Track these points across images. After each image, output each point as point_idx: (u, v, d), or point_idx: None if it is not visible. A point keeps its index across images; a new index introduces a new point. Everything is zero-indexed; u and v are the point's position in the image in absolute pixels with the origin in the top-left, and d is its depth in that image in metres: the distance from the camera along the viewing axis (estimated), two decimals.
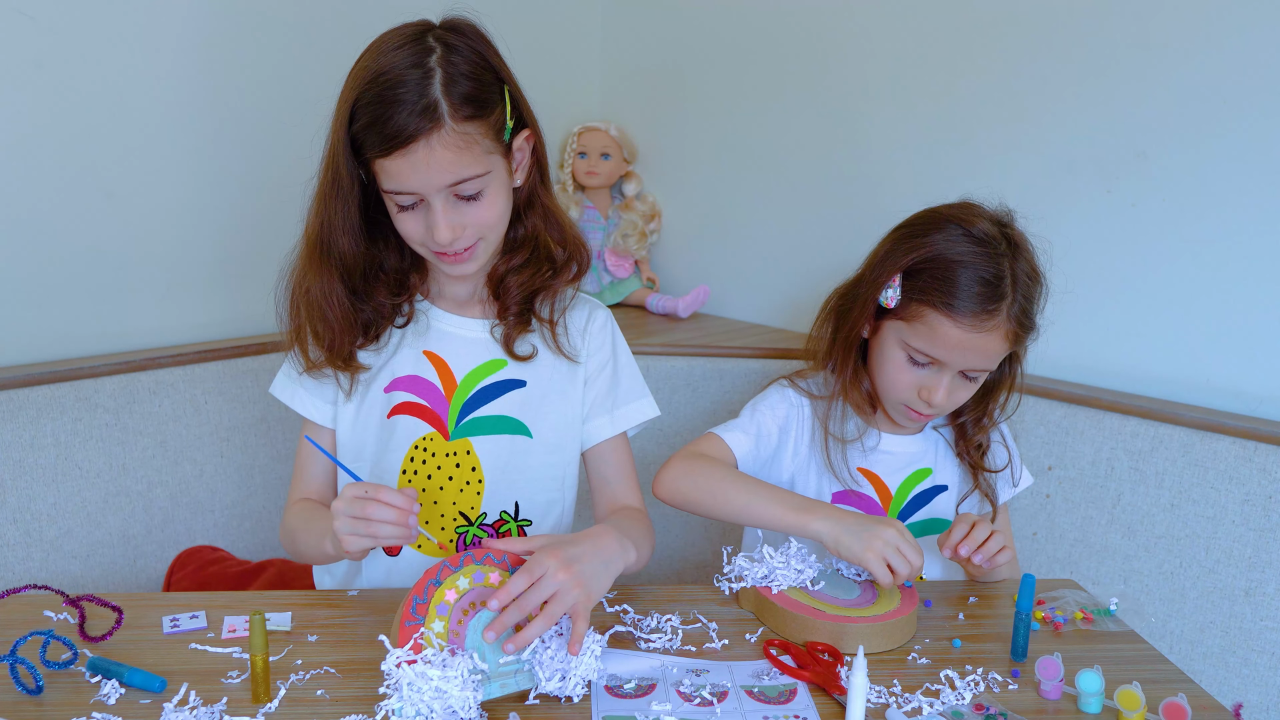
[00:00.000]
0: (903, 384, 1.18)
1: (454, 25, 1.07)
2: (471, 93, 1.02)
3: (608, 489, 1.22)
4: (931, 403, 1.17)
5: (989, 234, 1.14)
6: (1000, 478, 1.29)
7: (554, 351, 1.19)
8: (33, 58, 1.45)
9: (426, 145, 1.01)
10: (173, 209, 1.62)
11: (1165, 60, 1.42)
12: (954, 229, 1.15)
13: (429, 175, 1.02)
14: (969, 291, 1.11)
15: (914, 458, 1.28)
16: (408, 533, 0.96)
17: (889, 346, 1.19)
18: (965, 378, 1.17)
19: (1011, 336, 1.15)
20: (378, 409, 1.18)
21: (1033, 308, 1.16)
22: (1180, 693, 0.86)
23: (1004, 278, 1.12)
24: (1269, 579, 1.33)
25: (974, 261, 1.12)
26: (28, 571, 1.42)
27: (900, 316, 1.17)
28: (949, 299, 1.12)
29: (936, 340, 1.14)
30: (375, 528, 0.95)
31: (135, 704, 0.87)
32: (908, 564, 1.03)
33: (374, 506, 0.95)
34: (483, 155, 1.04)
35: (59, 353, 1.53)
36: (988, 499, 1.27)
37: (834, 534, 1.06)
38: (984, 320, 1.12)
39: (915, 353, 1.16)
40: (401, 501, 0.95)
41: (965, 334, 1.12)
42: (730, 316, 2.04)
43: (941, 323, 1.13)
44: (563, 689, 0.87)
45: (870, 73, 1.75)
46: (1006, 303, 1.12)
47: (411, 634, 0.84)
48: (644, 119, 2.14)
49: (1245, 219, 1.38)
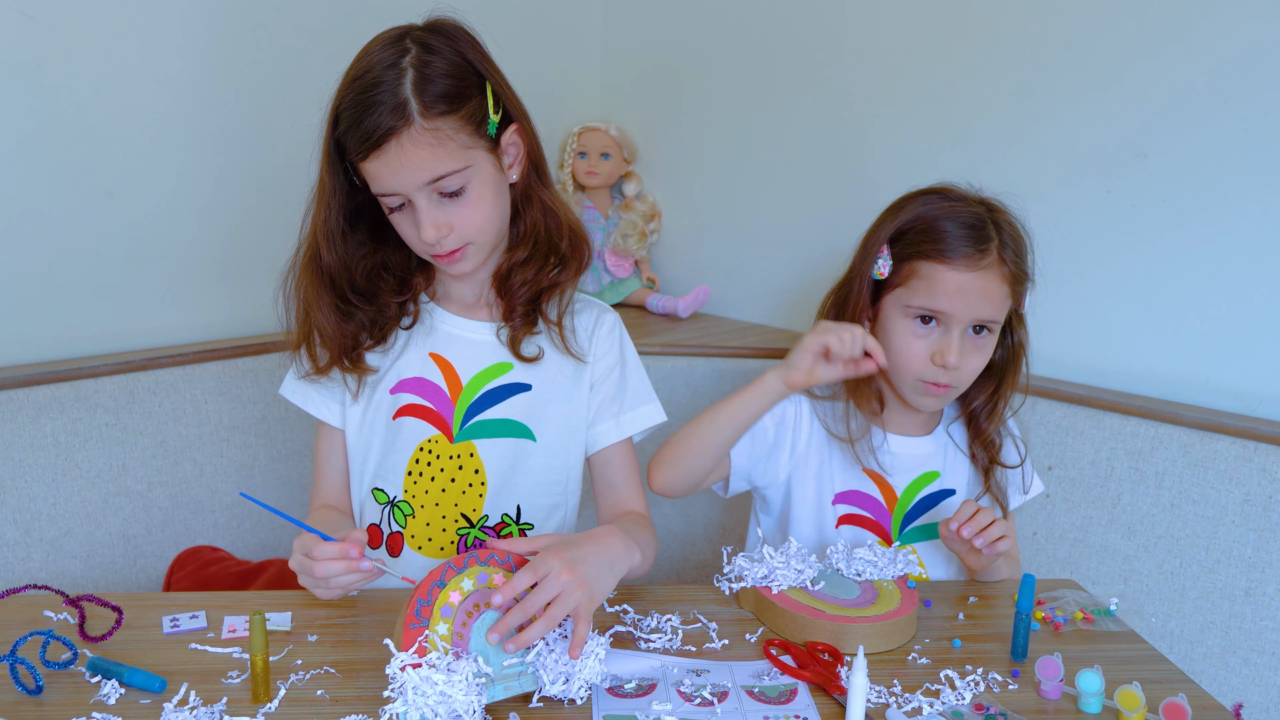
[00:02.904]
0: (914, 354, 1.18)
1: (435, 26, 1.08)
2: (444, 90, 1.03)
3: (612, 494, 1.22)
4: (947, 364, 1.16)
5: (964, 195, 1.20)
6: (1010, 485, 1.27)
7: (561, 352, 1.19)
8: (33, 58, 1.45)
9: (398, 144, 1.02)
10: (173, 209, 1.62)
11: (1165, 60, 1.42)
12: (929, 195, 1.21)
13: (404, 174, 1.03)
14: (956, 235, 1.16)
15: (922, 460, 1.27)
16: (364, 575, 0.97)
17: (893, 320, 1.20)
18: (974, 335, 1.18)
19: (1009, 279, 1.17)
20: (384, 410, 1.18)
21: (1024, 255, 1.19)
22: (1180, 693, 0.86)
23: (986, 222, 1.17)
24: (1269, 579, 1.33)
25: (955, 212, 1.17)
26: (28, 571, 1.42)
27: (896, 283, 1.19)
28: (938, 246, 1.16)
29: (936, 290, 1.15)
30: (330, 582, 0.97)
31: (135, 704, 0.86)
32: (839, 338, 1.12)
33: (317, 566, 0.95)
34: (459, 150, 1.04)
35: (59, 353, 1.53)
36: (998, 502, 1.26)
37: (779, 369, 1.17)
38: (977, 260, 1.14)
39: (919, 311, 1.17)
40: (338, 552, 0.95)
41: (962, 275, 1.15)
42: (730, 316, 2.04)
43: (936, 270, 1.15)
44: (566, 691, 0.87)
45: (870, 73, 1.75)
46: (995, 244, 1.16)
47: (416, 637, 0.84)
48: (644, 119, 2.14)
49: (1245, 219, 1.38)
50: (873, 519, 1.26)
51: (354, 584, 0.98)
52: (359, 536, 0.98)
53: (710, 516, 1.82)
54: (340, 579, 0.96)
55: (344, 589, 0.99)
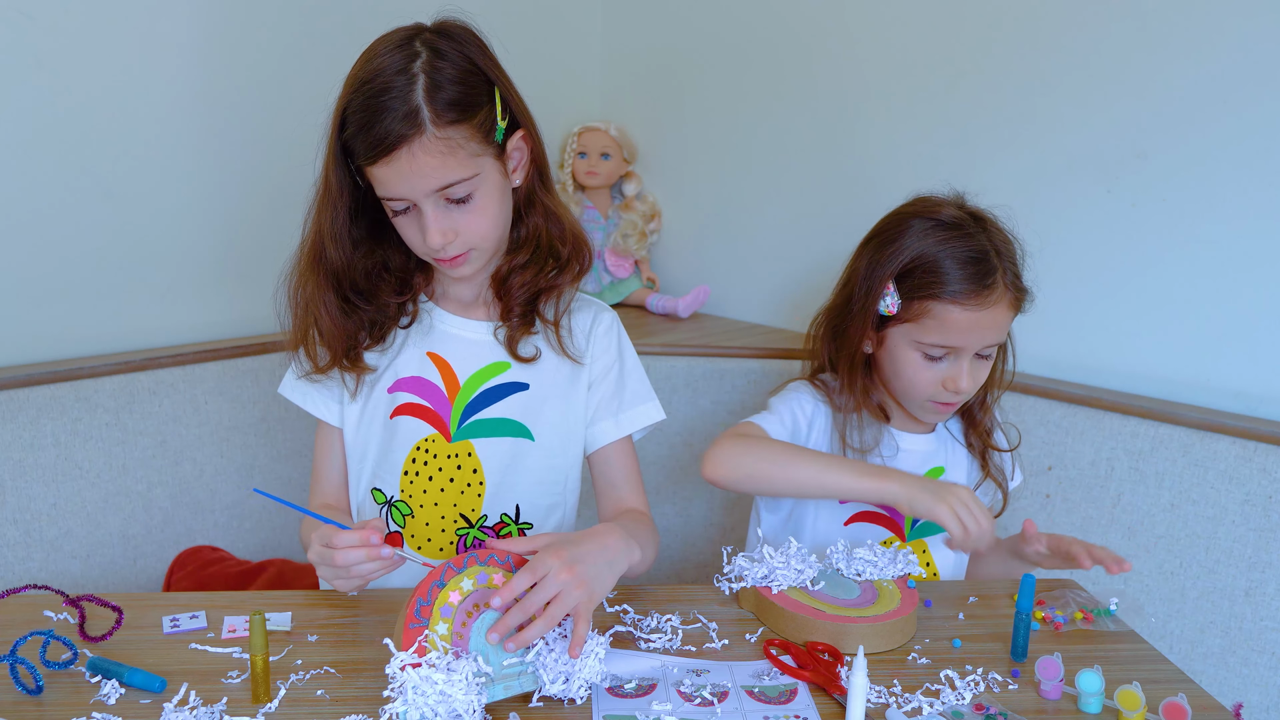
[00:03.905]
0: (924, 382, 1.20)
1: (443, 29, 1.07)
2: (456, 97, 1.02)
3: (613, 492, 1.22)
4: (959, 390, 1.18)
5: (956, 217, 1.19)
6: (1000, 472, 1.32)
7: (558, 353, 1.19)
8: (33, 58, 1.45)
9: (409, 152, 1.01)
10: (173, 209, 1.62)
11: (1165, 60, 1.42)
12: (921, 223, 1.19)
13: (414, 181, 1.03)
14: (962, 274, 1.16)
15: (928, 456, 1.29)
16: (385, 562, 0.96)
17: (901, 350, 1.21)
18: (981, 357, 1.20)
19: (1014, 303, 1.19)
20: (381, 409, 1.18)
21: (1020, 270, 1.20)
22: (1180, 693, 0.86)
23: (987, 251, 1.17)
24: (1269, 579, 1.33)
25: (954, 246, 1.17)
26: (28, 571, 1.42)
27: (905, 319, 1.19)
28: (947, 288, 1.16)
29: (948, 329, 1.16)
30: (352, 571, 0.96)
31: (135, 704, 0.86)
32: (977, 523, 1.07)
33: (338, 555, 0.95)
34: (469, 159, 1.04)
35: (59, 353, 1.53)
36: (998, 484, 1.30)
37: (908, 493, 1.10)
38: (986, 295, 1.15)
39: (930, 348, 1.18)
40: (359, 540, 0.95)
41: (973, 314, 1.16)
42: (730, 316, 2.04)
43: (948, 311, 1.16)
44: (566, 691, 0.87)
45: (870, 73, 1.75)
46: (999, 274, 1.17)
47: (415, 636, 0.84)
48: (644, 119, 2.14)
49: (1245, 219, 1.38)
50: (886, 514, 1.28)
51: (374, 572, 0.97)
52: (378, 524, 0.97)
53: (710, 516, 1.82)
54: (361, 567, 0.96)
55: (364, 578, 0.98)
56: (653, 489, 1.73)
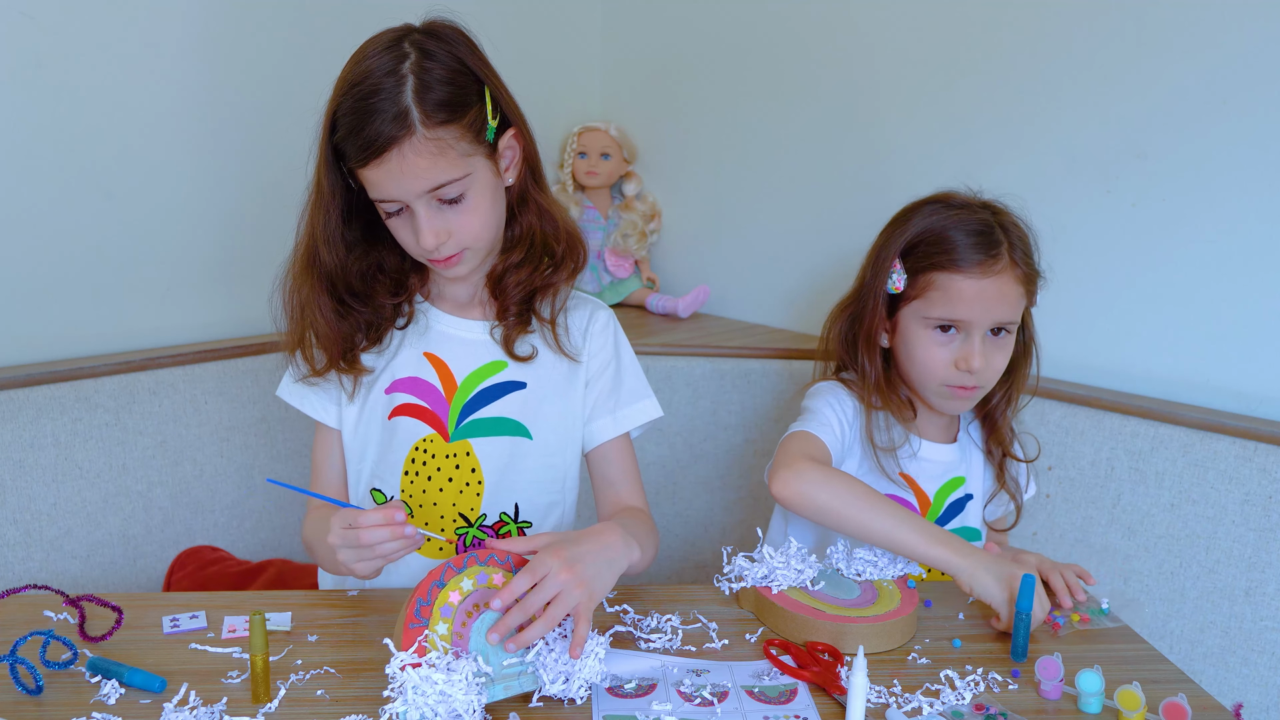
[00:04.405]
0: (937, 362, 1.20)
1: (432, 29, 1.07)
2: (446, 97, 1.02)
3: (611, 490, 1.22)
4: (971, 368, 1.18)
5: (967, 201, 1.22)
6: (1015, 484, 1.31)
7: (555, 351, 1.19)
8: (33, 58, 1.45)
9: (399, 154, 1.01)
10: (173, 209, 1.62)
11: (1165, 60, 1.42)
12: (933, 205, 1.23)
13: (405, 183, 1.03)
14: (967, 244, 1.17)
15: (949, 466, 1.29)
16: (409, 541, 0.97)
17: (912, 331, 1.22)
18: (993, 337, 1.20)
19: (1022, 279, 1.19)
20: (379, 410, 1.18)
21: (1031, 252, 1.21)
22: (1180, 693, 0.86)
23: (993, 226, 1.19)
24: (1269, 579, 1.33)
25: (961, 220, 1.19)
26: (28, 571, 1.42)
27: (912, 296, 1.20)
28: (951, 256, 1.17)
29: (954, 299, 1.17)
30: (377, 549, 0.96)
31: (135, 704, 0.87)
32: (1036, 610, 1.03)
33: (364, 533, 0.95)
34: (460, 159, 1.04)
35: (59, 353, 1.53)
36: (1011, 496, 1.30)
37: (971, 571, 1.05)
38: (991, 265, 1.17)
39: (939, 322, 1.19)
40: (383, 518, 0.95)
41: (978, 282, 1.16)
42: (730, 316, 2.04)
43: (952, 280, 1.17)
44: (566, 691, 0.87)
45: (870, 72, 1.75)
46: (1005, 246, 1.18)
47: (415, 636, 0.84)
48: (644, 119, 2.14)
49: (1245, 219, 1.38)
50: None
51: (398, 551, 0.97)
52: (399, 503, 0.98)
53: (710, 516, 1.82)
54: (385, 546, 0.96)
55: (386, 557, 0.98)
56: (653, 489, 1.73)
